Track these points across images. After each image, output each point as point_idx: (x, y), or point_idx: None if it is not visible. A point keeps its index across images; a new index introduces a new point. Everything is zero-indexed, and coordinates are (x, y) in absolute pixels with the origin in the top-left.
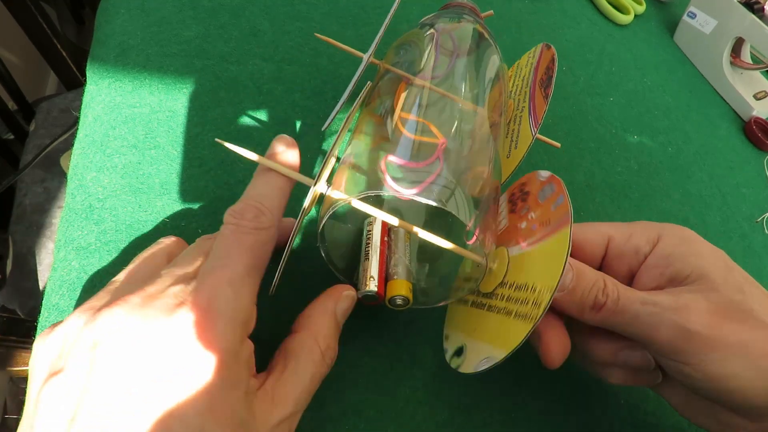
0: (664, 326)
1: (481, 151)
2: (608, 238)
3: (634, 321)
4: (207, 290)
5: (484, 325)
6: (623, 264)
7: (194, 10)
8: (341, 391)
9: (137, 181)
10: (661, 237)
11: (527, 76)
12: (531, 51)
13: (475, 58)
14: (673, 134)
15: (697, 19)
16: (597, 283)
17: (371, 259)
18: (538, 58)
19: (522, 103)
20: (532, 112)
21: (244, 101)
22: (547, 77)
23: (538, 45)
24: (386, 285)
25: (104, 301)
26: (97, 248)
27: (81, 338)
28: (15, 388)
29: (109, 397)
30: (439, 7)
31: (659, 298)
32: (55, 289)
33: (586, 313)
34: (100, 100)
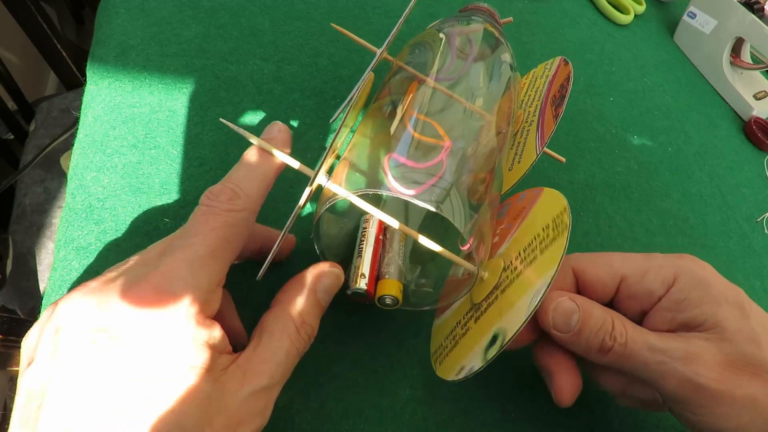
0: (672, 376)
1: (485, 158)
2: (621, 278)
3: (641, 367)
4: (163, 270)
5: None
6: (635, 304)
7: (194, 10)
8: (342, 391)
9: (137, 181)
10: (677, 278)
11: (541, 88)
12: (548, 62)
13: (489, 64)
14: (673, 134)
15: (697, 19)
16: (605, 325)
17: (364, 257)
18: (554, 72)
19: (532, 116)
20: (540, 128)
21: (244, 101)
22: (560, 96)
23: (556, 58)
24: (377, 283)
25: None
26: (98, 248)
27: (47, 326)
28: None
29: (69, 380)
30: (438, 11)
31: (669, 345)
32: (55, 290)
33: (593, 354)
34: (100, 100)
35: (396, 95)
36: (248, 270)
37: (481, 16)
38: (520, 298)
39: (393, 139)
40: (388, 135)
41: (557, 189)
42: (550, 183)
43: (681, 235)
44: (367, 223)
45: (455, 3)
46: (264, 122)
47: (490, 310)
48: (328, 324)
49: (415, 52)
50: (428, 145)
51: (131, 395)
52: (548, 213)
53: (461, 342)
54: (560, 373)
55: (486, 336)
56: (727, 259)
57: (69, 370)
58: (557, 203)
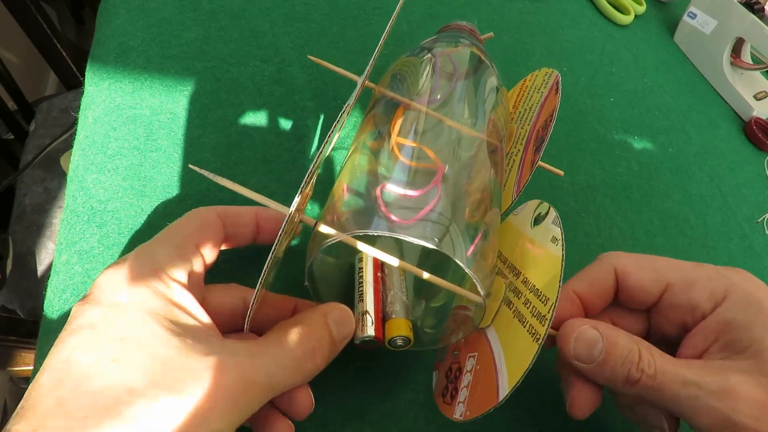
0: (707, 413)
1: (479, 178)
2: (666, 285)
3: (672, 401)
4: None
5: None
6: (677, 316)
7: (194, 12)
8: (344, 394)
9: (139, 183)
10: (727, 296)
11: (535, 107)
12: (549, 72)
13: (474, 82)
14: (674, 135)
15: (697, 20)
16: (630, 356)
17: (366, 300)
18: (547, 95)
19: (520, 143)
20: (521, 170)
21: (245, 103)
22: (540, 138)
23: (554, 72)
24: (384, 325)
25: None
26: (101, 252)
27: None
28: (15, 388)
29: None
30: (439, 11)
31: (703, 378)
32: (57, 293)
33: (619, 386)
34: (100, 102)
35: (381, 123)
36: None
37: (461, 35)
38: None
39: (383, 168)
40: (376, 164)
41: (557, 190)
42: (550, 184)
43: (681, 235)
44: (362, 263)
45: (455, 3)
46: (264, 123)
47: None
48: None
49: (397, 78)
50: (421, 171)
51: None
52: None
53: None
54: (579, 387)
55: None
56: (728, 260)
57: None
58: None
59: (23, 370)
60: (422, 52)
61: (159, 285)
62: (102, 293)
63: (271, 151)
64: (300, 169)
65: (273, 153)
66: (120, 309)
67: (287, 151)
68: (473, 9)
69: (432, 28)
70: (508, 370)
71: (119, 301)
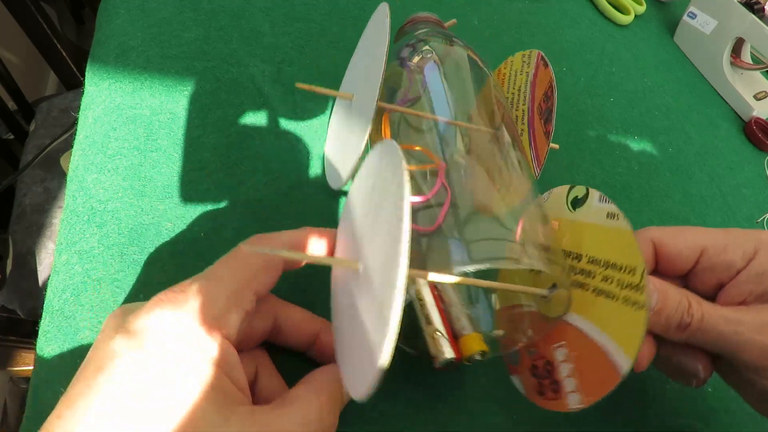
0: (750, 346)
1: (489, 165)
2: (701, 250)
3: (719, 340)
4: (180, 285)
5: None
6: (713, 276)
7: (194, 12)
8: None
9: (139, 183)
10: (758, 251)
11: (523, 89)
12: (525, 55)
13: (453, 72)
14: (674, 135)
15: (697, 20)
16: (681, 304)
17: (434, 323)
18: (535, 72)
19: (521, 124)
20: (534, 145)
21: (245, 103)
22: (547, 109)
23: (532, 51)
24: (458, 343)
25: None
26: (101, 252)
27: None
28: (15, 388)
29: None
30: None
31: (744, 316)
32: (57, 294)
33: (671, 332)
34: (100, 102)
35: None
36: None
37: (428, 27)
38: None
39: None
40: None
41: None
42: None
43: None
44: (416, 285)
45: (455, 3)
46: (264, 123)
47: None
48: None
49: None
50: (423, 173)
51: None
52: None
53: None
54: None
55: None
56: None
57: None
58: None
59: (23, 370)
60: (398, 61)
61: (208, 340)
62: (149, 334)
63: (271, 151)
64: (300, 170)
65: (273, 153)
66: (164, 359)
67: (287, 151)
68: (473, 9)
69: None
70: (620, 345)
71: (166, 348)
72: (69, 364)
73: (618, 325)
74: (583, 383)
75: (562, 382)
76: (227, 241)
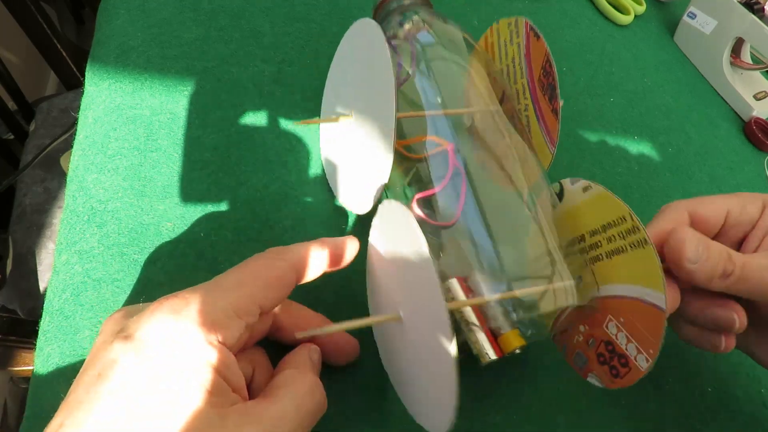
0: None
1: (497, 141)
2: (727, 212)
3: (759, 284)
4: (183, 293)
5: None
6: (738, 232)
7: (195, 12)
8: (343, 394)
9: (139, 183)
10: (766, 206)
11: (517, 59)
12: (511, 23)
13: (448, 43)
14: (674, 135)
15: (697, 20)
16: (722, 254)
17: (472, 325)
18: (526, 43)
19: (523, 98)
20: (544, 124)
21: (245, 103)
22: (549, 84)
23: (518, 19)
24: (498, 342)
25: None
26: (101, 252)
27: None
28: (15, 388)
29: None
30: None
31: None
32: (57, 293)
33: (715, 281)
34: (100, 102)
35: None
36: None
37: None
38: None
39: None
40: (401, 185)
41: None
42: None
43: None
44: (449, 291)
45: (455, 3)
46: (264, 123)
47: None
48: None
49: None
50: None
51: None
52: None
53: None
54: (668, 288)
55: None
56: None
57: (90, 361)
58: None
59: (23, 370)
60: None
61: (207, 347)
62: (148, 340)
63: (271, 151)
64: (300, 170)
65: (273, 153)
66: (163, 365)
67: (287, 151)
68: (473, 9)
69: None
70: (647, 285)
71: (164, 354)
72: (69, 364)
73: (638, 270)
74: (640, 341)
75: (626, 351)
76: (227, 241)
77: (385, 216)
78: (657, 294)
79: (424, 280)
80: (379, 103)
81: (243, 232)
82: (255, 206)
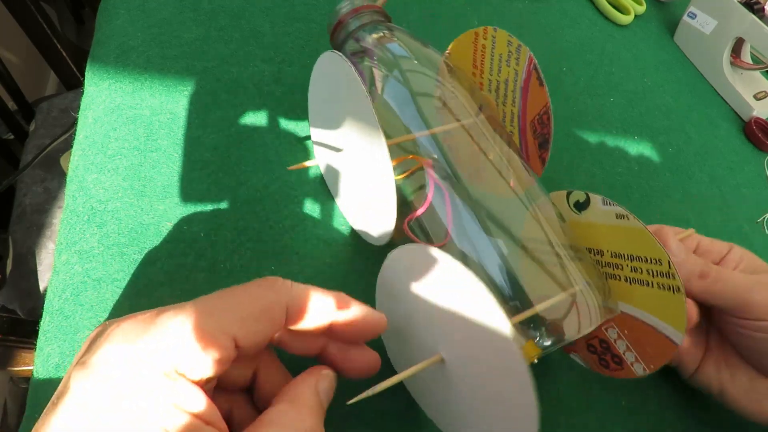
0: (762, 289)
1: (473, 156)
2: (698, 242)
3: (733, 287)
4: (165, 310)
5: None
6: (709, 259)
7: (194, 12)
8: (342, 394)
9: (139, 183)
10: (732, 246)
11: (511, 85)
12: (512, 43)
13: (419, 51)
14: (674, 135)
15: (697, 20)
16: (699, 259)
17: None
18: (526, 78)
19: (509, 125)
20: (526, 160)
21: (245, 103)
22: (542, 134)
23: (522, 47)
24: None
25: None
26: (101, 252)
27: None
28: (15, 388)
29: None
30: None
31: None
32: (57, 293)
33: (694, 281)
34: (100, 102)
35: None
36: None
37: (371, 14)
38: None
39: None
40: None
41: (558, 189)
42: (551, 184)
43: None
44: None
45: (455, 3)
46: (264, 123)
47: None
48: None
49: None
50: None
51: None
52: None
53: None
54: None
55: None
56: None
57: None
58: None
59: (23, 370)
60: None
61: (163, 380)
62: (101, 368)
63: (271, 151)
64: (300, 170)
65: (273, 153)
66: (115, 394)
67: (287, 151)
68: (473, 9)
69: (432, 28)
70: (667, 323)
71: (117, 383)
72: (69, 364)
73: (660, 306)
74: (642, 355)
75: (623, 355)
76: (227, 241)
77: (411, 260)
78: (677, 333)
79: (483, 321)
80: (368, 143)
81: (243, 232)
82: (255, 206)
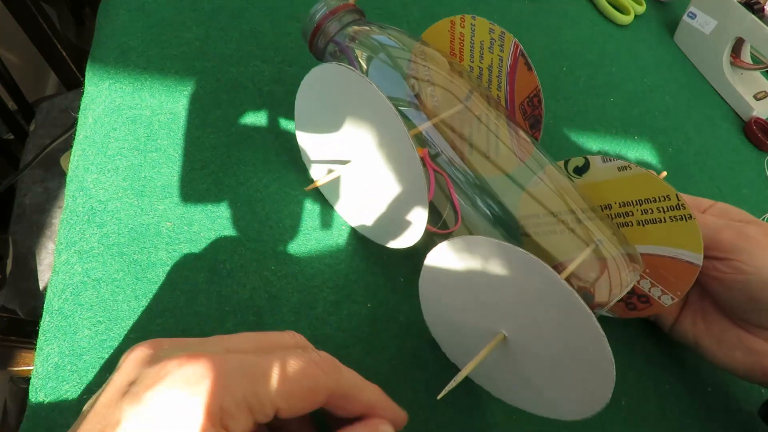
0: (728, 229)
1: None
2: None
3: (702, 227)
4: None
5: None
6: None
7: (195, 12)
8: None
9: (139, 183)
10: (713, 203)
11: (496, 70)
12: (493, 30)
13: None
14: (674, 135)
15: (697, 20)
16: (701, 200)
17: None
18: (512, 64)
19: (496, 109)
20: (515, 140)
21: (245, 103)
22: (533, 115)
23: (505, 33)
24: None
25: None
26: (100, 252)
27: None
28: (15, 388)
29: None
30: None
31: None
32: (57, 293)
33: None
34: (100, 102)
35: None
36: None
37: (350, 13)
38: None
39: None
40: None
41: None
42: None
43: None
44: None
45: (455, 3)
46: (264, 123)
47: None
48: (329, 325)
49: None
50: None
51: None
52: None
53: None
54: None
55: None
56: None
57: (96, 411)
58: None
59: (23, 370)
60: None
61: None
62: (156, 408)
63: (271, 151)
64: (300, 170)
65: (273, 153)
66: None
67: (287, 151)
68: (473, 9)
69: None
70: (686, 248)
71: (168, 425)
72: (69, 364)
73: (676, 236)
74: (668, 286)
75: (649, 293)
76: (227, 241)
77: (458, 252)
78: (696, 255)
79: (545, 288)
80: (392, 152)
81: (243, 232)
82: (255, 206)
